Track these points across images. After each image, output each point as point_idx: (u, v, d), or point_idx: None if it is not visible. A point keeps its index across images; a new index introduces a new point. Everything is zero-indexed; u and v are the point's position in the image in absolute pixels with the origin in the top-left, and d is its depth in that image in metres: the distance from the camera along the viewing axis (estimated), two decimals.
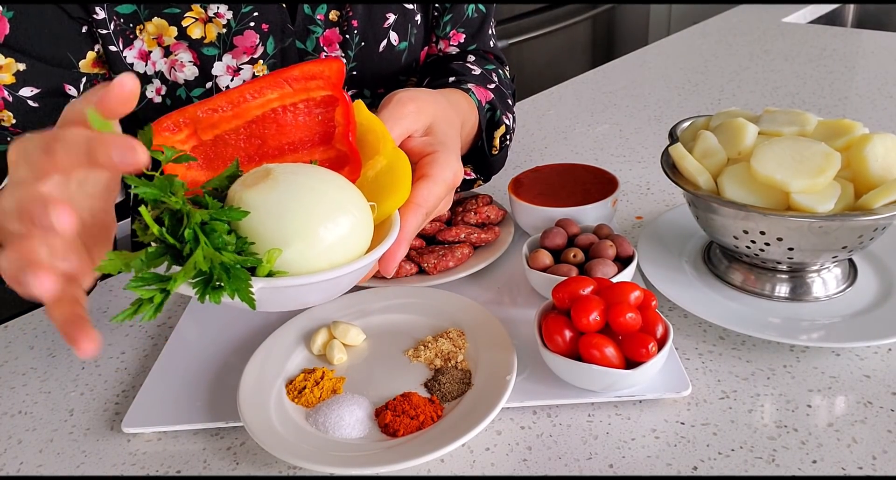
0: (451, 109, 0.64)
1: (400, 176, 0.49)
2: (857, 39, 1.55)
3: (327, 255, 0.43)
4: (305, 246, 0.43)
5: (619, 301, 0.56)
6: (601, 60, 2.54)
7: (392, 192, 0.49)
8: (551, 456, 0.54)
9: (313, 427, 0.56)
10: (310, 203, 0.43)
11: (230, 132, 0.48)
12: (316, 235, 0.43)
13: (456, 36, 0.89)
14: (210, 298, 0.40)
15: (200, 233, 0.40)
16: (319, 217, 0.43)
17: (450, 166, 0.56)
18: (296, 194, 0.43)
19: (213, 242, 0.40)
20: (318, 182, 0.44)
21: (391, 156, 0.50)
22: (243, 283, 0.40)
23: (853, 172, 0.63)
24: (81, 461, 0.57)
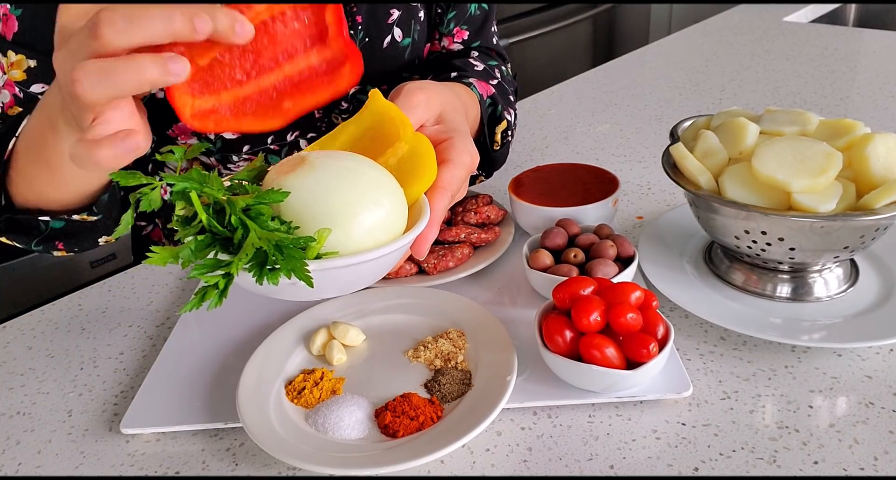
0: (456, 100, 0.65)
1: (424, 159, 0.50)
2: (858, 39, 1.55)
3: (370, 236, 0.44)
4: (350, 228, 0.43)
5: (620, 302, 0.56)
6: (602, 59, 2.54)
7: (419, 175, 0.49)
8: (552, 457, 0.54)
9: (313, 428, 0.56)
10: (349, 185, 0.43)
11: (223, 52, 0.47)
12: (358, 216, 0.43)
13: (460, 33, 0.90)
14: (268, 279, 0.40)
15: (246, 219, 0.40)
16: (360, 198, 0.43)
17: (467, 150, 0.57)
18: (334, 176, 0.43)
19: (260, 225, 0.41)
20: (353, 163, 0.45)
21: (412, 141, 0.50)
22: (298, 262, 0.40)
23: (855, 172, 0.62)
24: (80, 462, 0.57)
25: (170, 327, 0.72)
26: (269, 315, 0.71)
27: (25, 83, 0.70)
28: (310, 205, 0.43)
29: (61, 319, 0.76)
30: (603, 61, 1.53)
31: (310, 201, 0.43)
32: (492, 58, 0.90)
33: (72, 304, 0.78)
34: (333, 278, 0.44)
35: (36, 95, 0.71)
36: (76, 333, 0.73)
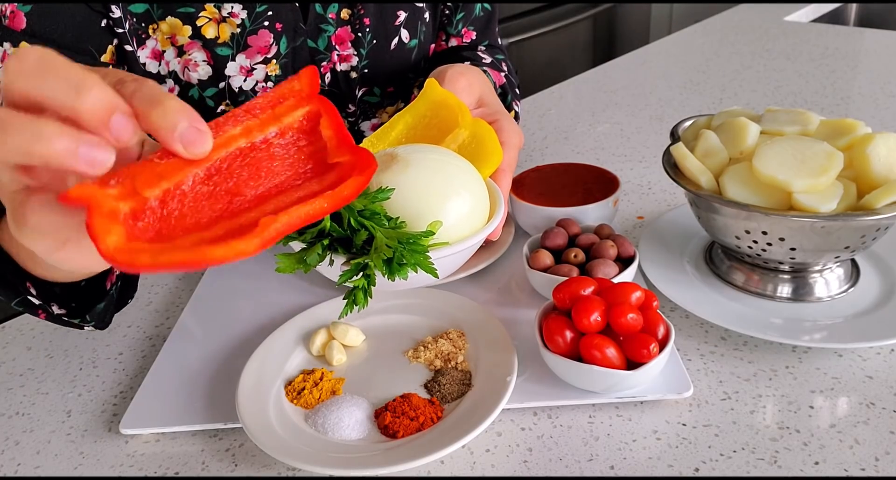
0: (489, 83, 0.67)
1: (488, 144, 0.51)
2: (859, 38, 1.55)
3: (466, 223, 0.47)
4: (448, 218, 0.46)
5: (621, 302, 0.56)
6: (602, 58, 2.54)
7: (486, 159, 0.51)
8: (552, 458, 0.54)
9: (312, 429, 0.56)
10: (442, 178, 0.46)
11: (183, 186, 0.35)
12: (454, 207, 0.46)
13: (468, 34, 0.90)
14: (399, 275, 0.42)
15: (365, 220, 0.41)
16: (453, 189, 0.46)
17: (515, 132, 0.59)
18: (427, 170, 0.46)
19: (377, 224, 0.42)
20: (440, 156, 0.47)
21: (472, 126, 0.51)
22: (422, 256, 0.42)
23: (856, 172, 0.62)
24: (79, 462, 0.57)
25: (169, 327, 0.72)
26: (268, 316, 0.71)
27: None
28: (411, 200, 0.45)
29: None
30: (603, 61, 1.53)
31: (411, 196, 0.45)
32: (498, 52, 0.91)
33: None
34: (442, 267, 0.47)
35: None
36: (75, 333, 0.73)
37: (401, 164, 0.46)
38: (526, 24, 2.42)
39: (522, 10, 2.44)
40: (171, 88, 0.76)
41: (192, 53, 0.73)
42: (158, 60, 0.73)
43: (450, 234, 0.46)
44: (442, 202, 0.46)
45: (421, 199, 0.45)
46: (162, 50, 0.73)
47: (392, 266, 0.42)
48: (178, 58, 0.74)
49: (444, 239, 0.46)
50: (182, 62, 0.74)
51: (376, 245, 0.41)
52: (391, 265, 0.42)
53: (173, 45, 0.73)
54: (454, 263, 0.48)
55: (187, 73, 0.75)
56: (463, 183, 0.47)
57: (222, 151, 0.36)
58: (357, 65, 0.81)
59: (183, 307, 0.75)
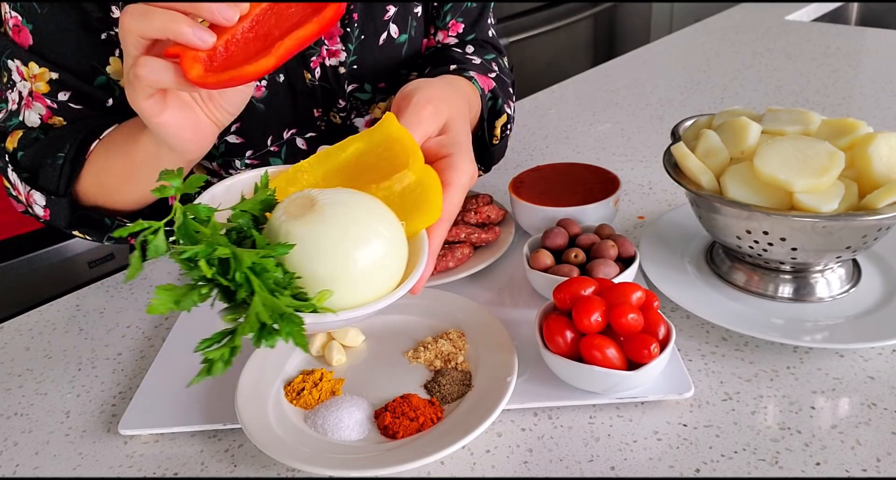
0: (462, 103, 0.64)
1: (430, 196, 0.49)
2: (860, 38, 1.55)
3: (371, 285, 0.45)
4: (352, 280, 0.44)
5: (621, 302, 0.56)
6: (603, 58, 2.54)
7: (423, 210, 0.49)
8: (552, 459, 0.53)
9: (312, 429, 0.56)
10: (356, 237, 0.44)
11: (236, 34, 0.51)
12: (361, 268, 0.44)
13: (455, 26, 0.89)
14: (265, 342, 0.41)
15: (252, 276, 0.41)
16: (365, 251, 0.44)
17: (466, 171, 0.56)
18: (342, 227, 0.43)
19: (265, 282, 0.41)
20: (361, 213, 0.45)
21: (420, 173, 0.50)
22: (297, 327, 0.41)
23: (857, 172, 0.62)
24: (78, 463, 0.57)
25: (168, 327, 0.72)
26: None
27: (51, 94, 0.72)
28: (315, 257, 0.43)
29: (59, 319, 0.75)
30: (604, 60, 1.53)
31: (316, 254, 0.43)
32: (488, 51, 0.89)
33: (69, 304, 0.78)
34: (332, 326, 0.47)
35: (66, 103, 0.73)
36: (74, 333, 0.73)
37: (316, 215, 0.43)
38: (526, 24, 2.41)
39: (522, 9, 2.44)
40: None
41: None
42: None
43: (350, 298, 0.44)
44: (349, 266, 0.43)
45: (326, 259, 0.43)
46: None
47: (262, 333, 0.41)
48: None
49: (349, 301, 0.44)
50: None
51: (252, 310, 0.40)
52: (262, 332, 0.41)
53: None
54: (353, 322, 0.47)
55: None
56: (378, 246, 0.44)
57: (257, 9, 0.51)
58: (346, 60, 0.81)
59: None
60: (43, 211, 0.72)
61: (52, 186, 0.70)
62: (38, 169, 0.71)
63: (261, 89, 0.78)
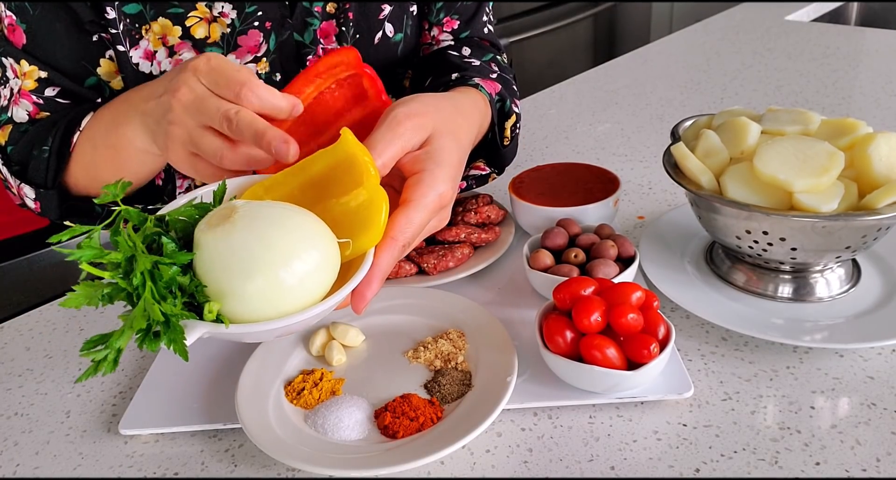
0: (456, 116, 0.62)
1: (374, 216, 0.48)
2: (860, 38, 1.55)
3: (282, 299, 0.44)
4: (254, 293, 0.43)
5: (621, 302, 0.56)
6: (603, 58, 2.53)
7: (367, 231, 0.48)
8: (552, 458, 0.53)
9: (312, 429, 0.56)
10: (261, 252, 0.43)
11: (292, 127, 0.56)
12: (266, 282, 0.43)
13: (449, 23, 0.89)
14: (147, 346, 0.42)
15: (148, 278, 0.42)
16: (269, 266, 0.43)
17: (434, 188, 0.54)
18: (249, 241, 0.43)
19: (158, 288, 0.42)
20: (275, 229, 0.44)
21: (372, 191, 0.49)
22: (178, 335, 0.42)
23: (857, 172, 0.62)
24: (78, 463, 0.57)
25: None
26: None
27: (38, 90, 0.73)
28: (219, 267, 0.43)
29: (59, 319, 0.75)
30: (604, 60, 1.53)
31: (219, 264, 0.43)
32: (485, 50, 0.89)
33: None
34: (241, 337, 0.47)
35: (53, 98, 0.73)
36: (74, 333, 0.73)
37: (228, 227, 0.44)
38: (526, 24, 2.41)
39: (522, 9, 2.44)
40: None
41: (183, 54, 0.74)
42: (150, 60, 0.74)
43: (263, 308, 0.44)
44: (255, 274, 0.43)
45: (230, 268, 0.43)
46: (154, 50, 0.73)
47: (146, 337, 0.42)
48: (169, 58, 0.74)
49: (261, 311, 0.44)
50: (173, 62, 0.74)
51: (134, 313, 0.41)
52: (146, 336, 0.42)
53: (164, 45, 0.74)
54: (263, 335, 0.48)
55: None
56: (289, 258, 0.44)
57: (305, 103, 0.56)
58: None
59: None
60: (34, 203, 0.73)
61: (39, 179, 0.71)
62: (26, 162, 0.72)
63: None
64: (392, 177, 0.56)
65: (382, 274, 0.50)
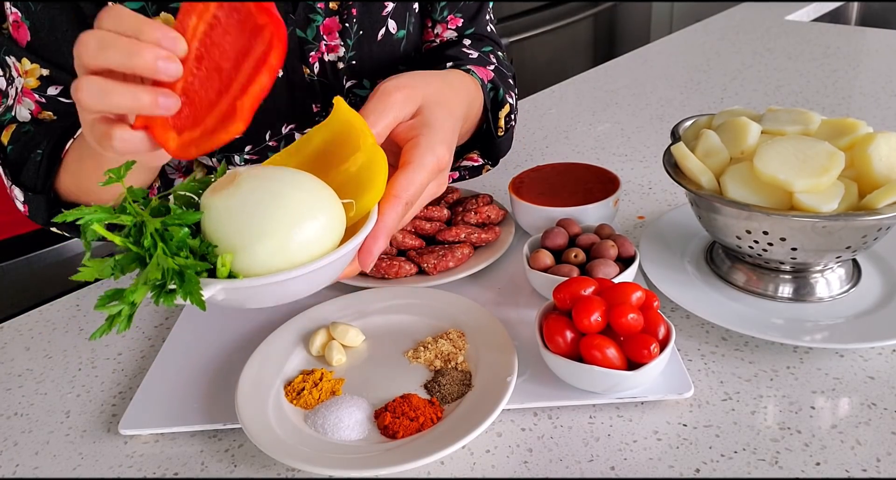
0: (446, 89, 0.63)
1: (375, 172, 0.50)
2: (860, 37, 1.55)
3: (291, 255, 0.45)
4: (265, 248, 0.44)
5: (621, 302, 0.56)
6: (603, 58, 2.53)
7: (369, 187, 0.49)
8: (552, 458, 0.53)
9: (312, 429, 0.56)
10: (268, 205, 0.45)
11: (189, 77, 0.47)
12: (275, 237, 0.45)
13: (453, 20, 0.89)
14: (164, 301, 0.43)
15: (158, 239, 0.43)
16: (278, 218, 0.45)
17: (431, 150, 0.55)
18: (255, 195, 0.45)
19: (170, 247, 0.43)
20: (279, 185, 0.46)
21: (369, 152, 0.50)
22: (194, 286, 0.42)
23: (857, 172, 0.62)
24: (78, 463, 0.57)
25: (168, 327, 0.72)
26: (268, 316, 0.71)
27: (41, 89, 0.73)
28: (228, 226, 0.45)
29: (59, 319, 0.75)
30: (604, 60, 1.53)
31: (227, 223, 0.45)
32: (486, 44, 0.90)
33: (70, 304, 0.78)
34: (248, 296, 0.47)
35: (56, 97, 0.73)
36: (74, 333, 0.73)
37: (232, 189, 0.45)
38: (526, 24, 2.41)
39: (522, 9, 2.44)
40: None
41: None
42: None
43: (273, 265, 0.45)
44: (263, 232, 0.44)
45: (238, 227, 0.44)
46: None
47: (162, 292, 0.42)
48: None
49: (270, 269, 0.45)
50: None
51: (148, 268, 0.42)
52: (161, 291, 0.42)
53: None
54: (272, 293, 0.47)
55: None
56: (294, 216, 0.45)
57: (195, 43, 0.47)
58: (345, 55, 0.81)
59: (182, 307, 0.74)
60: (23, 206, 0.73)
61: (30, 182, 0.71)
62: (21, 164, 0.72)
63: None
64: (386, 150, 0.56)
65: (388, 230, 0.51)
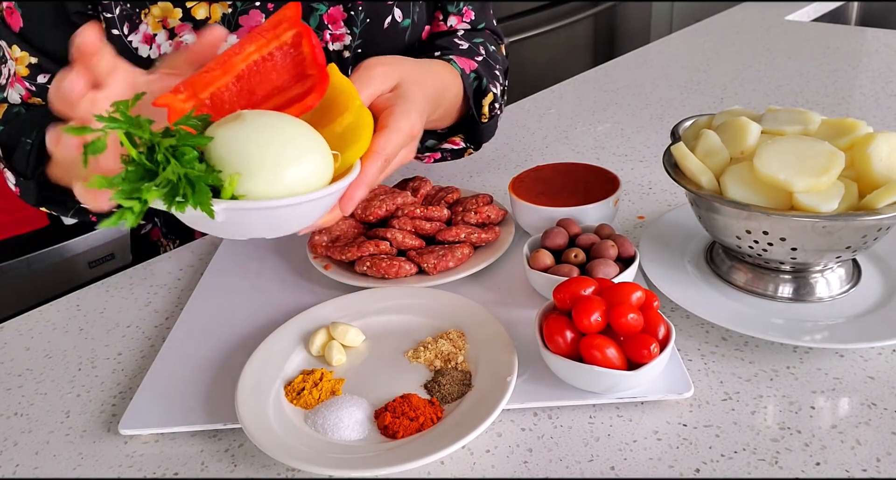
0: (421, 72, 0.68)
1: (362, 129, 0.55)
2: (860, 37, 1.55)
3: (288, 186, 0.49)
4: (266, 176, 0.48)
5: (621, 302, 0.56)
6: (603, 58, 2.53)
7: (355, 143, 0.54)
8: (552, 458, 0.53)
9: (312, 429, 0.56)
10: (271, 138, 0.48)
11: (223, 89, 0.53)
12: (276, 166, 0.48)
13: (468, 13, 0.91)
14: (176, 208, 0.46)
15: (171, 156, 0.45)
16: (280, 151, 0.48)
17: (406, 117, 0.61)
18: (260, 129, 0.48)
19: (182, 164, 0.46)
20: (281, 121, 0.50)
21: (357, 113, 0.55)
22: (205, 196, 0.45)
23: (857, 172, 0.62)
24: (78, 463, 0.57)
25: (168, 327, 0.72)
26: (268, 316, 0.71)
27: (31, 78, 0.75)
28: (234, 152, 0.47)
29: (59, 319, 0.75)
30: (604, 60, 1.53)
31: (234, 149, 0.47)
32: (479, 35, 0.91)
33: (70, 304, 0.78)
34: (246, 220, 0.50)
35: (44, 85, 0.75)
36: (74, 333, 0.73)
37: (239, 121, 0.48)
38: (526, 24, 2.41)
39: (522, 9, 2.44)
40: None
41: (183, 36, 0.75)
42: (150, 43, 0.75)
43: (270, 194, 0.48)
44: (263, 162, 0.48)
45: (243, 153, 0.47)
46: (153, 33, 0.74)
47: (174, 200, 0.45)
48: (169, 40, 0.75)
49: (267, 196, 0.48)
50: (173, 45, 0.75)
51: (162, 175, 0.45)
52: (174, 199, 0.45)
53: (165, 27, 0.75)
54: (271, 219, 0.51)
55: None
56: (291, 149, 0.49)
57: (243, 64, 0.53)
58: (350, 44, 0.81)
59: (182, 307, 0.74)
60: (14, 187, 0.75)
61: (21, 168, 0.73)
62: (13, 148, 0.74)
63: None
64: None
65: (370, 181, 0.57)
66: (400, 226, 0.76)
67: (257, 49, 0.54)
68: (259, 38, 0.54)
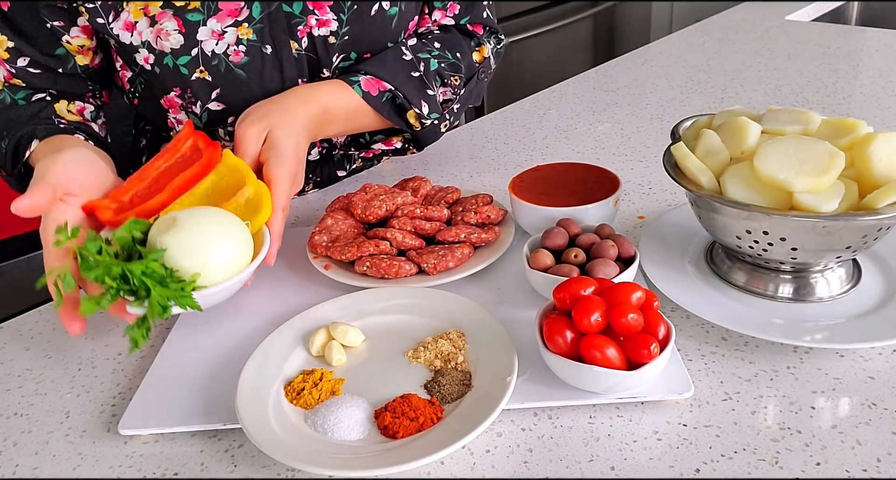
0: (286, 111, 0.75)
1: (264, 200, 0.66)
2: (861, 37, 1.55)
3: (227, 269, 0.61)
4: (211, 267, 0.59)
5: (621, 302, 0.56)
6: (603, 58, 2.53)
7: (261, 211, 0.66)
8: (552, 458, 0.53)
9: (312, 429, 0.56)
10: (208, 238, 0.59)
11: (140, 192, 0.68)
12: (217, 259, 0.60)
13: (452, 7, 0.92)
14: (165, 313, 0.57)
15: (146, 279, 0.56)
16: (218, 247, 0.60)
17: (280, 165, 0.69)
18: (197, 232, 0.59)
19: (154, 279, 0.56)
20: (210, 221, 0.61)
21: (255, 186, 0.67)
22: (187, 298, 0.57)
23: (857, 172, 0.62)
24: (78, 463, 0.57)
25: (168, 327, 0.72)
26: (268, 316, 0.71)
27: (11, 61, 0.78)
28: (181, 256, 0.58)
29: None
30: (604, 60, 1.53)
31: (181, 254, 0.58)
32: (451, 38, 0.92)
33: None
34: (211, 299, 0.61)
35: (25, 68, 0.79)
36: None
37: (176, 228, 0.59)
38: (526, 24, 2.41)
39: (522, 9, 2.44)
40: (145, 58, 0.80)
41: (164, 23, 0.77)
42: (131, 31, 0.77)
43: (216, 274, 0.60)
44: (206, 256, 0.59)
45: (190, 255, 0.59)
46: (134, 21, 0.77)
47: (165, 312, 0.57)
48: (150, 28, 0.77)
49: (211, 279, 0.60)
50: (154, 32, 0.77)
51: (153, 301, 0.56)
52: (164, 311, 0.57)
53: (146, 15, 0.77)
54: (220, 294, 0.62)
55: (160, 42, 0.78)
56: (225, 240, 0.61)
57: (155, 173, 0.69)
58: (338, 30, 0.82)
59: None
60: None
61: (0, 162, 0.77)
62: None
63: (238, 54, 0.81)
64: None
65: (279, 233, 0.67)
66: (400, 226, 0.76)
67: (165, 160, 0.70)
68: (166, 154, 0.70)
